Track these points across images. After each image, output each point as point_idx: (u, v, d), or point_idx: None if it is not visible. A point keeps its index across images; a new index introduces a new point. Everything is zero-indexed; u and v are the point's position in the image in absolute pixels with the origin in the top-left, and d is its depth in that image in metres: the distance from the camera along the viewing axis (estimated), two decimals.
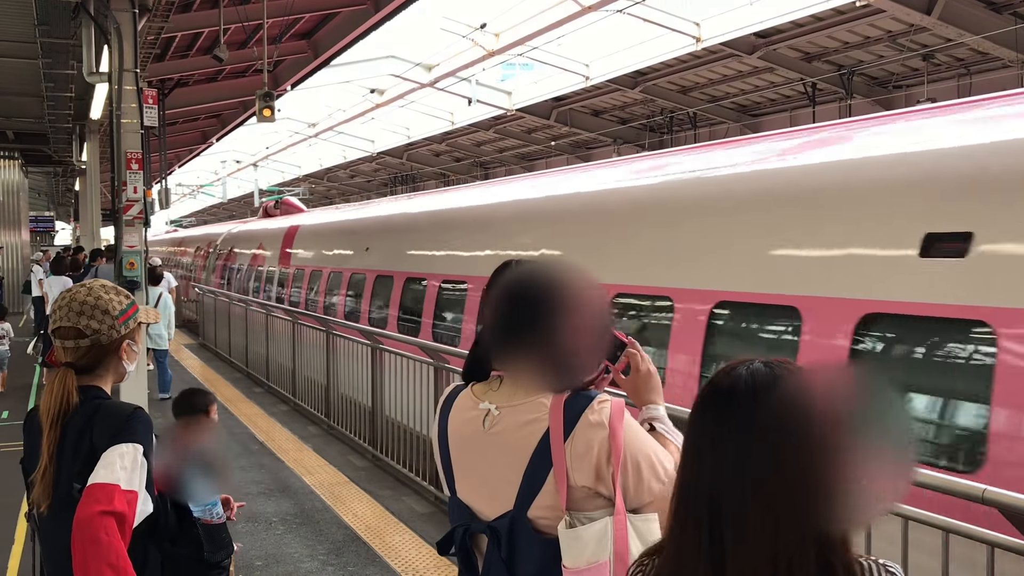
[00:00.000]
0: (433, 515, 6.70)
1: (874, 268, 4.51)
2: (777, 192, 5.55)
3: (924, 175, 4.58)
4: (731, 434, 1.19)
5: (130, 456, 2.29)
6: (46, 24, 12.44)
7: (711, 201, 6.15)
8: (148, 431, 2.40)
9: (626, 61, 22.25)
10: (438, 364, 7.03)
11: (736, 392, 1.21)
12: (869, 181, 4.86)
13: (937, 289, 4.08)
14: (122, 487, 2.23)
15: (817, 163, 5.59)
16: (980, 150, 4.43)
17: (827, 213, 4.96)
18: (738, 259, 5.42)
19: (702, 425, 1.24)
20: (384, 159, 39.31)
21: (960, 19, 15.95)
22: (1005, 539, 2.86)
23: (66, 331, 2.45)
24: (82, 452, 2.33)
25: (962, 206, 4.21)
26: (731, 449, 1.19)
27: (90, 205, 21.85)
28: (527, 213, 9.13)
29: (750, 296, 5.19)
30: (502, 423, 1.90)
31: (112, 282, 2.63)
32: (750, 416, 1.19)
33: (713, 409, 1.24)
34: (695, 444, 1.25)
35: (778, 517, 1.15)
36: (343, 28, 16.66)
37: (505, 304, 1.96)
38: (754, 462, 1.17)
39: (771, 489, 1.16)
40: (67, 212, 45.77)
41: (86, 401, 2.41)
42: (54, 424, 2.37)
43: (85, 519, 2.16)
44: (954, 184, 4.36)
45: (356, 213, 16.33)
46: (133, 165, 10.16)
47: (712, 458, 1.20)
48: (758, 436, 1.18)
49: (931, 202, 4.40)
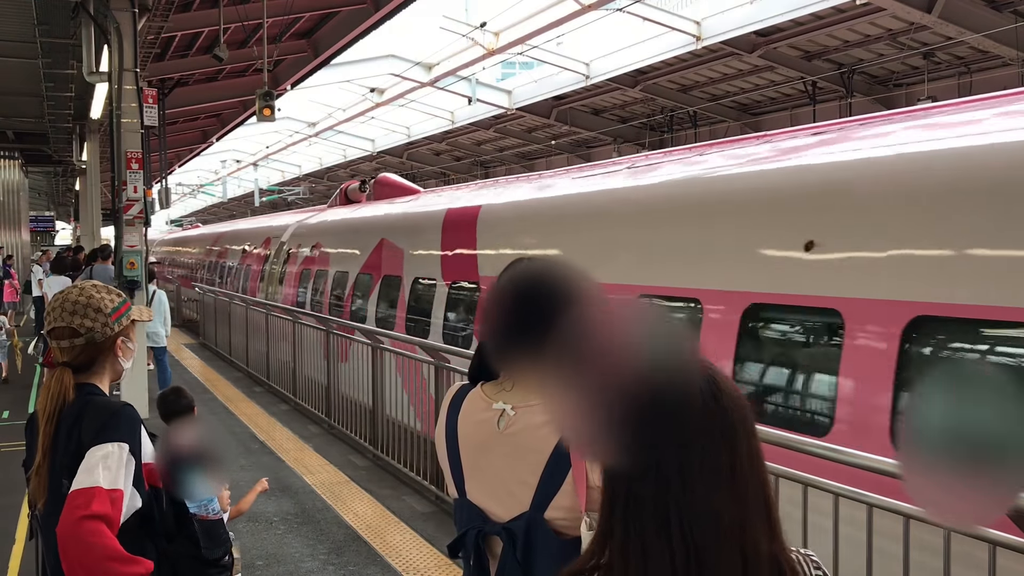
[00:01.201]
0: (434, 514, 6.70)
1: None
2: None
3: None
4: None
5: (114, 455, 2.31)
6: (46, 24, 12.45)
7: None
8: (134, 427, 2.42)
9: (626, 60, 22.25)
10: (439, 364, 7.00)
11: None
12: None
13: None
14: (104, 487, 2.24)
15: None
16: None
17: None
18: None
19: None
20: (384, 158, 39.32)
21: (960, 17, 15.94)
22: (1007, 537, 2.85)
23: (61, 331, 2.49)
24: (71, 447, 2.37)
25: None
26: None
27: (90, 205, 21.88)
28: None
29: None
30: (518, 424, 1.87)
31: (109, 282, 2.65)
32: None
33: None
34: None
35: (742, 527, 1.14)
36: (343, 27, 16.66)
37: (517, 302, 1.92)
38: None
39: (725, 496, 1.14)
40: (67, 212, 45.79)
41: (79, 397, 2.44)
42: (49, 421, 2.41)
43: (69, 526, 2.18)
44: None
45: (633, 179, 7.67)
46: (133, 165, 10.17)
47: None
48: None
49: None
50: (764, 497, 1.17)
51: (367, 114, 31.45)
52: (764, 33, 18.94)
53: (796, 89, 21.66)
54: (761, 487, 1.17)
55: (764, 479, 1.19)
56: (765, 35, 19.09)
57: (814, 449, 3.61)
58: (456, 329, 9.09)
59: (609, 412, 1.19)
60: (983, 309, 3.94)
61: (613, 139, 27.82)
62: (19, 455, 2.61)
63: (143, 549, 2.35)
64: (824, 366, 4.76)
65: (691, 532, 1.12)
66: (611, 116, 27.10)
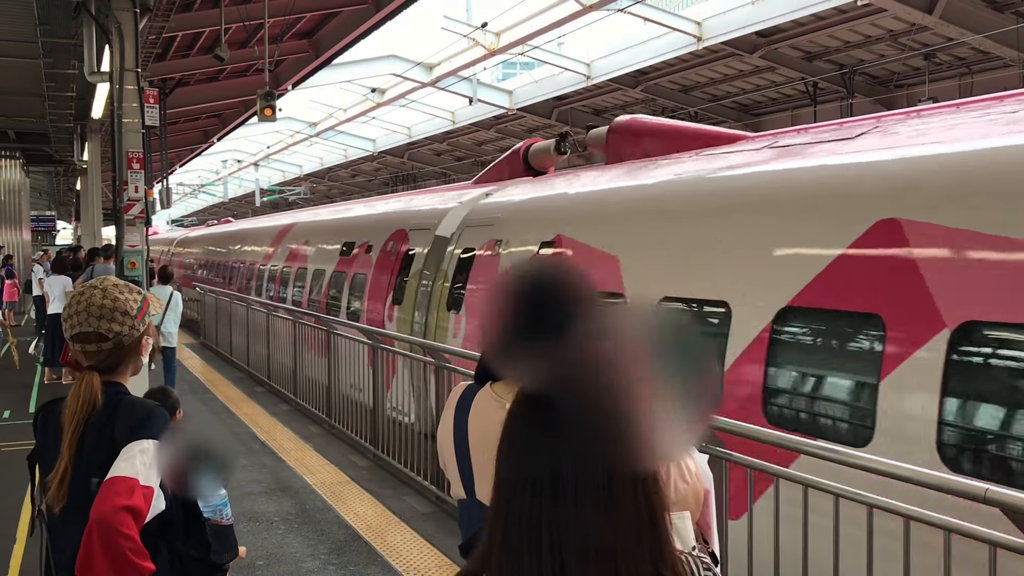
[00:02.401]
0: (435, 514, 6.70)
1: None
2: None
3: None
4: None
5: (150, 452, 2.31)
6: (47, 24, 12.46)
7: None
8: (166, 429, 2.41)
9: (627, 60, 22.23)
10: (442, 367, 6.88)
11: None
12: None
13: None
14: (141, 482, 2.24)
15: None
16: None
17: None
18: None
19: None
20: (385, 158, 39.33)
21: (962, 18, 15.94)
22: (1007, 539, 2.85)
23: (87, 336, 2.44)
24: (103, 446, 2.35)
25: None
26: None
27: (91, 204, 21.90)
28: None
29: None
30: None
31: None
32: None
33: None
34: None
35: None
36: (344, 28, 16.67)
37: (526, 302, 1.83)
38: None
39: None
40: (68, 211, 45.79)
41: (108, 397, 2.43)
42: (77, 426, 2.38)
43: (107, 511, 2.16)
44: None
45: None
46: (134, 164, 10.17)
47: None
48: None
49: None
50: (649, 516, 1.10)
51: (368, 114, 31.46)
52: (765, 34, 18.94)
53: (797, 90, 21.65)
54: (645, 507, 1.10)
55: (652, 497, 1.11)
56: (766, 36, 19.09)
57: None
58: None
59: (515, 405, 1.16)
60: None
61: None
62: (20, 454, 2.61)
63: (156, 551, 2.34)
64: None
65: (560, 550, 1.06)
66: (612, 116, 26.99)
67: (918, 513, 3.10)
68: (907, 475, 3.13)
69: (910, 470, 3.16)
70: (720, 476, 3.97)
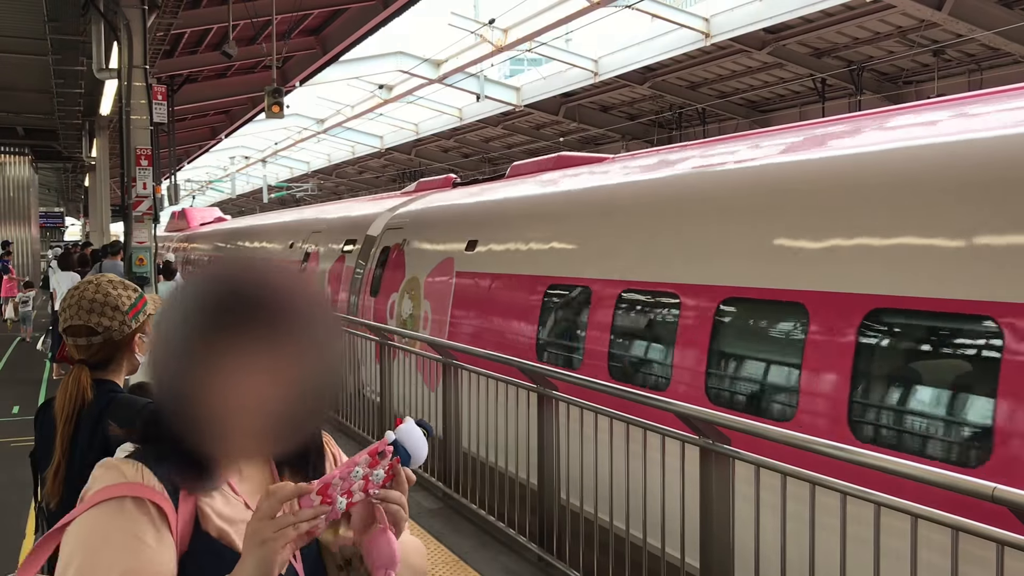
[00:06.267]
0: (441, 511, 6.71)
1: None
2: None
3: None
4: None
5: None
6: (56, 20, 12.49)
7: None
8: None
9: (635, 57, 22.20)
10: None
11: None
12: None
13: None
14: None
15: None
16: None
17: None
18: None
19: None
20: (392, 155, 39.36)
21: (971, 15, 15.87)
22: (1015, 537, 2.84)
23: (77, 329, 2.47)
24: (96, 445, 2.34)
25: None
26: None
27: (99, 201, 21.98)
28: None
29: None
30: None
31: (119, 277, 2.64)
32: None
33: None
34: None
35: None
36: (351, 24, 16.69)
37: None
38: None
39: None
40: (77, 208, 45.99)
41: (100, 395, 2.43)
42: (68, 421, 2.39)
43: None
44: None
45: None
46: (142, 161, 10.21)
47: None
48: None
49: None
50: None
51: (375, 111, 31.50)
52: (773, 30, 18.90)
53: (805, 86, 21.59)
54: None
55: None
56: (774, 32, 19.04)
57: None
58: None
59: None
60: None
61: (621, 136, 27.79)
62: (29, 450, 2.61)
63: None
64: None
65: None
66: (620, 113, 27.07)
67: (926, 512, 3.09)
68: (914, 474, 3.12)
69: (918, 468, 3.16)
70: (728, 475, 3.98)
